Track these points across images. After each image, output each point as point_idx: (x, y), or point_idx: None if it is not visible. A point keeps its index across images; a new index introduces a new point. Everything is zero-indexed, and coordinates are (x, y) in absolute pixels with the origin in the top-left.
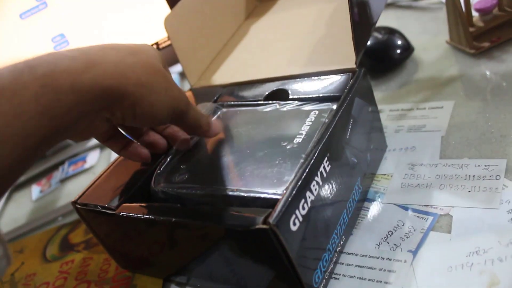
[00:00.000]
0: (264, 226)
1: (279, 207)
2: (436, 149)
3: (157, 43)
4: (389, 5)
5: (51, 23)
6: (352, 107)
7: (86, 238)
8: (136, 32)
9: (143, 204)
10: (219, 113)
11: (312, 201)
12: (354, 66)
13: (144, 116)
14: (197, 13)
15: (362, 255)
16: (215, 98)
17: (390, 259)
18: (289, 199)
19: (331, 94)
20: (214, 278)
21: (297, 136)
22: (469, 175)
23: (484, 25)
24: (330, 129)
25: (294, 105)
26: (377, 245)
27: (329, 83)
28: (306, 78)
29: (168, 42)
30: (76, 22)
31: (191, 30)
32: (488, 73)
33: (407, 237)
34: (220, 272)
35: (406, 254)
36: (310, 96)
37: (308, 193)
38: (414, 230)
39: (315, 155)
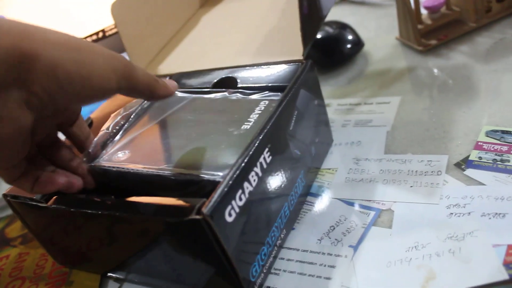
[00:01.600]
0: (197, 217)
1: (214, 197)
2: (381, 144)
3: (103, 30)
4: (343, 0)
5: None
6: (297, 98)
7: (23, 232)
8: (82, 19)
9: (76, 196)
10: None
11: (250, 192)
12: (301, 58)
13: (75, 79)
14: (147, 0)
15: (303, 250)
16: None
17: (331, 254)
18: (225, 189)
19: (280, 84)
20: (153, 273)
21: (245, 123)
22: (412, 171)
23: (432, 23)
24: (272, 120)
25: (244, 94)
26: (318, 240)
27: (279, 73)
28: (255, 67)
29: (115, 30)
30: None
31: (139, 18)
32: (434, 70)
33: (349, 232)
34: (159, 267)
35: (347, 249)
36: (258, 85)
37: (246, 184)
38: (356, 225)
39: (255, 146)
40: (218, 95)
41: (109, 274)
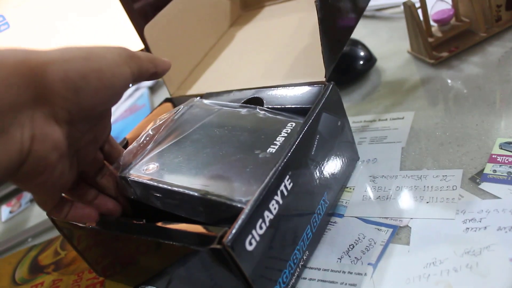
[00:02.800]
0: (218, 246)
1: (235, 227)
2: (397, 161)
3: None
4: None
5: (13, 44)
6: (318, 123)
7: (55, 260)
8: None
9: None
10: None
11: (270, 220)
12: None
13: (89, 75)
14: (178, 22)
15: (324, 269)
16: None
17: (351, 273)
18: (246, 219)
19: (304, 106)
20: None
21: (271, 146)
22: (427, 186)
23: (443, 35)
24: (293, 148)
25: (273, 113)
26: (338, 259)
27: (303, 95)
28: (280, 88)
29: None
30: (38, 43)
31: (171, 39)
32: (447, 82)
33: (368, 250)
34: (184, 285)
35: (367, 267)
36: (283, 106)
37: (266, 213)
38: (375, 243)
39: (275, 175)
40: (248, 111)
41: (140, 287)
